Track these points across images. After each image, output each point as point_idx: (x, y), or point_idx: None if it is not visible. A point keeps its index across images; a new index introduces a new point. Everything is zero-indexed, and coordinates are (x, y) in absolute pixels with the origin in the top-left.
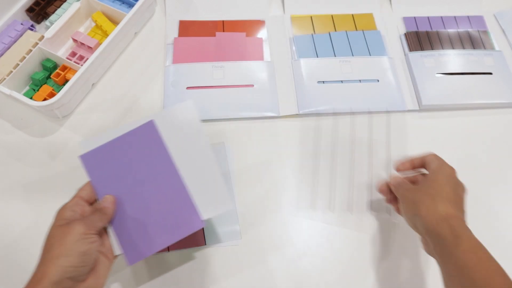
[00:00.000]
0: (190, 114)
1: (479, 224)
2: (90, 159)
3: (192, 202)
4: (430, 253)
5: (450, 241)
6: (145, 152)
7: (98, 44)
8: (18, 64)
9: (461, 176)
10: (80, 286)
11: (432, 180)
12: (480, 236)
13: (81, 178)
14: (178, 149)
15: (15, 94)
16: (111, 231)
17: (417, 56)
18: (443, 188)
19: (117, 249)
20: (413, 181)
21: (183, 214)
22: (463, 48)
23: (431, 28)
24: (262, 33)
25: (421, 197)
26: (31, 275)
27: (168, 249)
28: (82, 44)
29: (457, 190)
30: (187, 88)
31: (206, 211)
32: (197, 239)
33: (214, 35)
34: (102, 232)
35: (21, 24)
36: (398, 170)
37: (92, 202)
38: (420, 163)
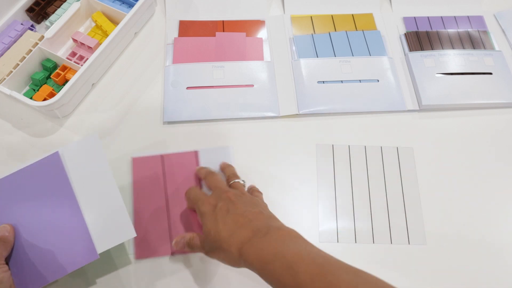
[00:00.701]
0: (95, 147)
1: (479, 224)
2: None
3: (89, 235)
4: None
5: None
6: (48, 184)
7: (98, 44)
8: (18, 64)
9: (461, 176)
10: None
11: (204, 225)
12: (480, 236)
13: None
14: (81, 182)
15: (15, 94)
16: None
17: (417, 56)
18: (214, 223)
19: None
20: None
21: (79, 247)
22: (463, 48)
23: (431, 28)
24: (262, 33)
25: (213, 248)
26: None
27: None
28: (82, 44)
29: (226, 211)
30: (187, 88)
31: (105, 242)
32: None
33: (214, 35)
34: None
35: (21, 24)
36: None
37: None
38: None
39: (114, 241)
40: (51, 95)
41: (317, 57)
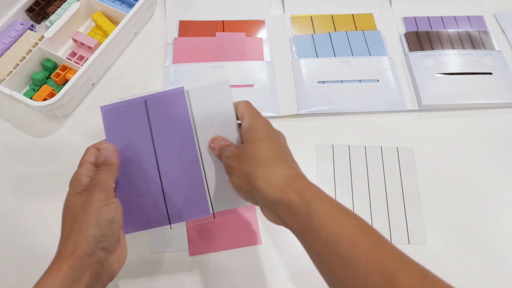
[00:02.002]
0: (225, 96)
1: (479, 224)
2: (110, 113)
3: (204, 189)
4: (279, 224)
5: (303, 211)
6: (169, 121)
7: (98, 44)
8: (18, 64)
9: (461, 176)
10: (111, 258)
11: (255, 139)
12: (480, 236)
13: None
14: (203, 129)
15: (15, 94)
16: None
17: (417, 56)
18: (271, 146)
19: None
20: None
21: (193, 198)
22: (463, 48)
23: (431, 28)
24: (262, 33)
25: (253, 166)
26: (57, 250)
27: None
28: (82, 44)
29: (281, 143)
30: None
31: (217, 204)
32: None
33: (214, 35)
34: None
35: (21, 24)
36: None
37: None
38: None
39: (226, 205)
40: (51, 95)
41: (317, 57)
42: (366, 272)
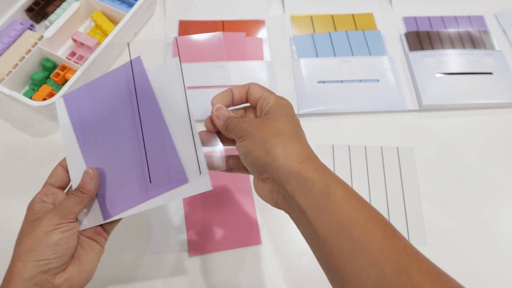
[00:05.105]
0: (175, 73)
1: (479, 223)
2: (70, 102)
3: (179, 157)
4: (276, 204)
5: (319, 189)
6: (132, 93)
7: (98, 44)
8: (17, 64)
9: (461, 176)
10: (58, 277)
11: (278, 113)
12: (481, 236)
13: None
14: (165, 104)
15: (15, 94)
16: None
17: (418, 56)
18: (293, 125)
19: (98, 217)
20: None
21: (169, 168)
22: (464, 48)
23: (432, 28)
24: (262, 33)
25: (273, 135)
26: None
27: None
28: (82, 44)
29: (303, 131)
30: (187, 88)
31: (189, 172)
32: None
33: None
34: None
35: (21, 24)
36: (215, 104)
37: (65, 187)
38: (243, 97)
39: (190, 192)
40: (51, 95)
41: (317, 57)
42: (378, 261)
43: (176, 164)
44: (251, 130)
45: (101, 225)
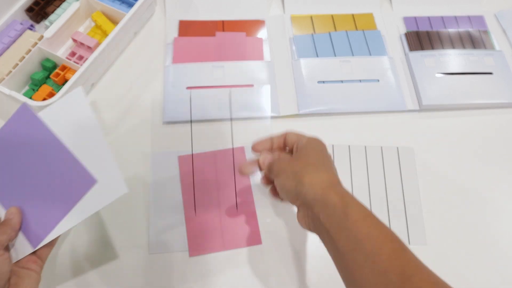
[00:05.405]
0: (79, 102)
1: (479, 224)
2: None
3: (81, 165)
4: (309, 227)
5: (339, 210)
6: (28, 135)
7: (98, 44)
8: (17, 64)
9: (461, 176)
10: None
11: (308, 149)
12: (481, 236)
13: None
14: (69, 139)
15: (15, 94)
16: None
17: (418, 56)
18: (320, 158)
19: (27, 248)
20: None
21: (75, 179)
22: (464, 48)
23: (432, 28)
24: (262, 33)
25: (302, 167)
26: None
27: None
28: (82, 44)
29: (329, 158)
30: (187, 88)
31: (98, 200)
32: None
33: (214, 35)
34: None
35: (21, 24)
36: (256, 151)
37: None
38: (281, 143)
39: (108, 198)
40: (51, 95)
41: (317, 57)
42: (386, 270)
43: (82, 172)
44: (284, 166)
45: (34, 253)
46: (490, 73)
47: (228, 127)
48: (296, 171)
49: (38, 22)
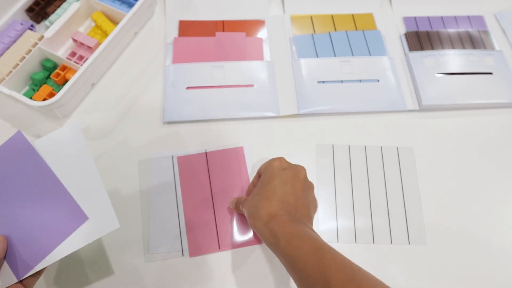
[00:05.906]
0: (75, 135)
1: (480, 224)
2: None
3: (74, 200)
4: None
5: (274, 241)
6: (20, 164)
7: (98, 44)
8: (17, 64)
9: (461, 176)
10: None
11: (261, 181)
12: (481, 236)
13: None
14: (63, 171)
15: (15, 94)
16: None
17: (417, 56)
18: (268, 186)
19: (11, 278)
20: None
21: (67, 214)
22: (464, 48)
23: (431, 28)
24: (262, 33)
25: (256, 201)
26: None
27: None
28: (82, 44)
29: (284, 180)
30: (187, 88)
31: (90, 233)
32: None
33: (214, 35)
34: None
35: (21, 24)
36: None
37: None
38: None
39: (99, 232)
40: (51, 95)
41: (317, 57)
42: (312, 283)
43: (74, 207)
44: (245, 203)
45: (21, 282)
46: (490, 73)
47: (228, 127)
48: (248, 208)
49: (38, 22)
